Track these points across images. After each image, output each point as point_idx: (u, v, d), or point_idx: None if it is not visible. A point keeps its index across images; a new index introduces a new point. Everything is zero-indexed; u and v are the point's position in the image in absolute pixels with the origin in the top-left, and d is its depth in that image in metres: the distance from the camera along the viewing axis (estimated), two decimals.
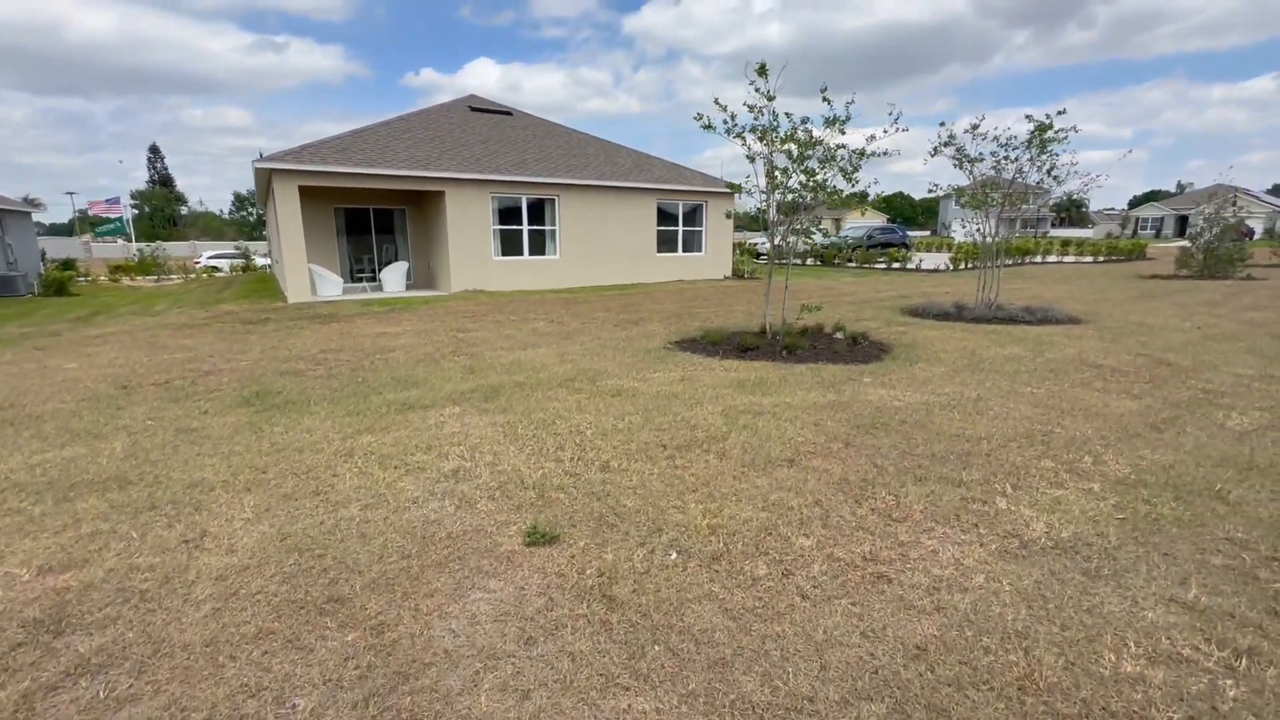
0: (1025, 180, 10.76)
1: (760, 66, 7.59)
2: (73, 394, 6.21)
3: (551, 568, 2.98)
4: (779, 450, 4.43)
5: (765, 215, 8.67)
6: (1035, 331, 9.31)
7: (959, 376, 6.57)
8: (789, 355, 7.60)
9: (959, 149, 10.64)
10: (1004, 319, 10.36)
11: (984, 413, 5.34)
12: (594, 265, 17.75)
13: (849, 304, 13.18)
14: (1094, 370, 6.82)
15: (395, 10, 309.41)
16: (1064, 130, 10.18)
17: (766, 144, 8.02)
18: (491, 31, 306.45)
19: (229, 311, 12.67)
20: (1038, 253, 28.82)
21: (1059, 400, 5.71)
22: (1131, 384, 6.27)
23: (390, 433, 4.84)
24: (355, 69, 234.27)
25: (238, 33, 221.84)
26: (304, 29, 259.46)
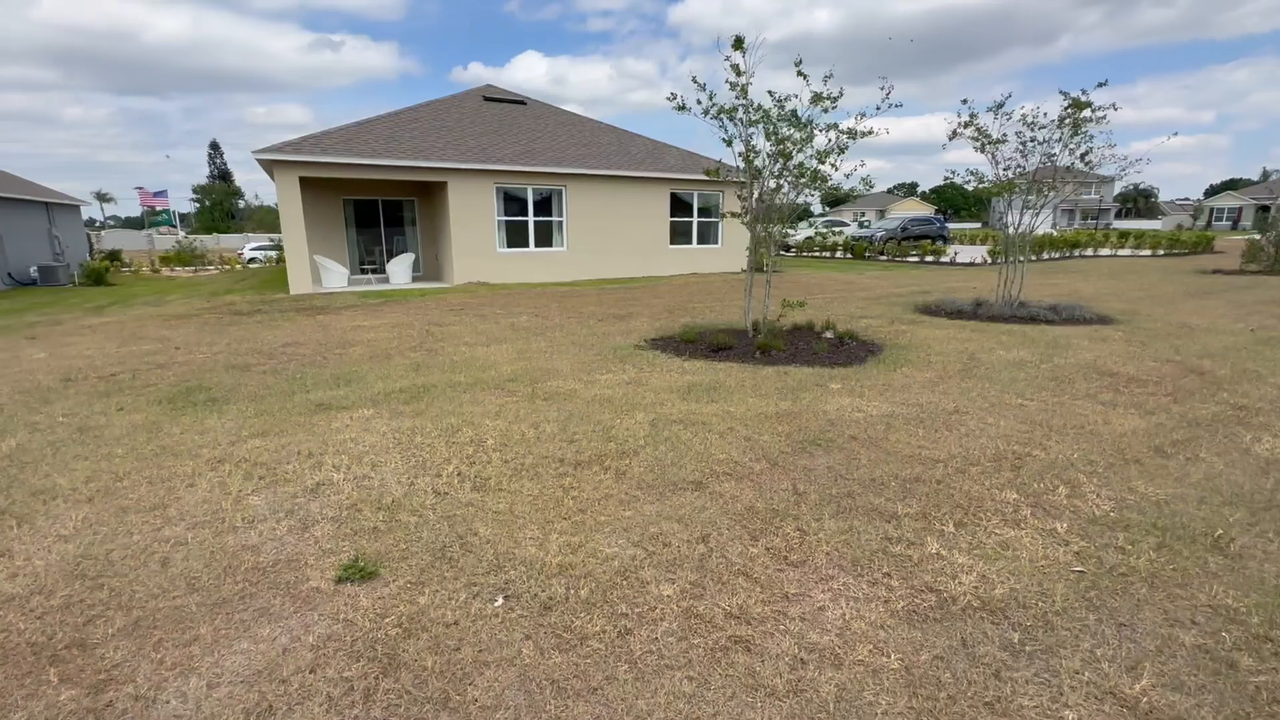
0: (1055, 164, 9.70)
1: (736, 40, 6.92)
2: (14, 386, 6.14)
3: (347, 613, 2.53)
4: (691, 470, 3.87)
5: (746, 204, 8.00)
6: (1055, 332, 8.35)
7: (943, 384, 5.82)
8: (762, 356, 6.96)
9: (979, 130, 9.66)
10: (1024, 318, 9.39)
11: (955, 428, 4.62)
12: (603, 258, 17.27)
13: (861, 300, 12.32)
14: (1107, 379, 5.95)
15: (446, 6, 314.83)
16: (1102, 109, 9.12)
17: (743, 124, 7.36)
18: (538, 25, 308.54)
19: (229, 303, 12.76)
20: (1089, 245, 26.81)
21: (1052, 415, 4.93)
22: (1147, 396, 5.41)
23: (284, 437, 4.50)
24: (408, 65, 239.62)
25: (299, 32, 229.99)
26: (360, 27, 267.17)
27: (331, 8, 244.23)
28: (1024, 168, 9.89)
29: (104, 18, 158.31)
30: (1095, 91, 8.98)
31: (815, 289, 14.45)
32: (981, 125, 9.63)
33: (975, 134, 9.73)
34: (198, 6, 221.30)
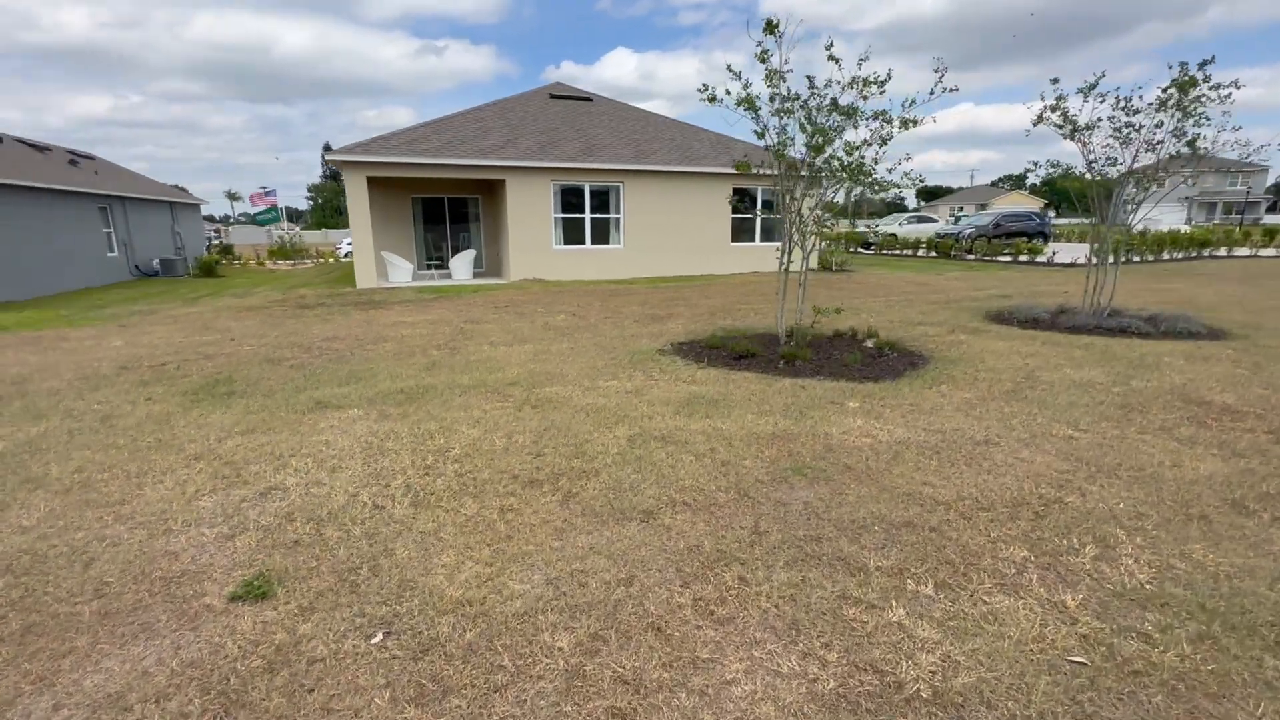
0: (1159, 153, 8.39)
1: (768, 24, 6.40)
2: (78, 373, 6.70)
3: (222, 637, 2.42)
4: (648, 496, 3.53)
5: (782, 200, 7.44)
6: (1145, 348, 7.20)
7: (982, 407, 5.09)
8: (786, 366, 6.43)
9: (1065, 115, 8.52)
10: (1111, 329, 8.20)
11: (977, 462, 3.98)
12: (661, 255, 16.97)
13: (928, 304, 11.30)
14: (1193, 409, 4.99)
15: (542, 8, 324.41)
16: (1223, 87, 7.78)
17: (777, 114, 6.81)
18: (629, 21, 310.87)
19: (300, 296, 13.56)
20: (1222, 244, 23.46)
21: (1106, 451, 4.15)
22: (1241, 434, 4.46)
23: (267, 435, 4.56)
24: (504, 67, 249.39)
25: (406, 39, 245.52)
26: (462, 32, 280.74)
27: (437, 15, 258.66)
28: (1122, 158, 8.63)
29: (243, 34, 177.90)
30: (1208, 69, 7.66)
31: (880, 291, 13.46)
32: (1068, 110, 8.49)
33: (1061, 120, 8.59)
34: (320, 21, 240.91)
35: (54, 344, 8.49)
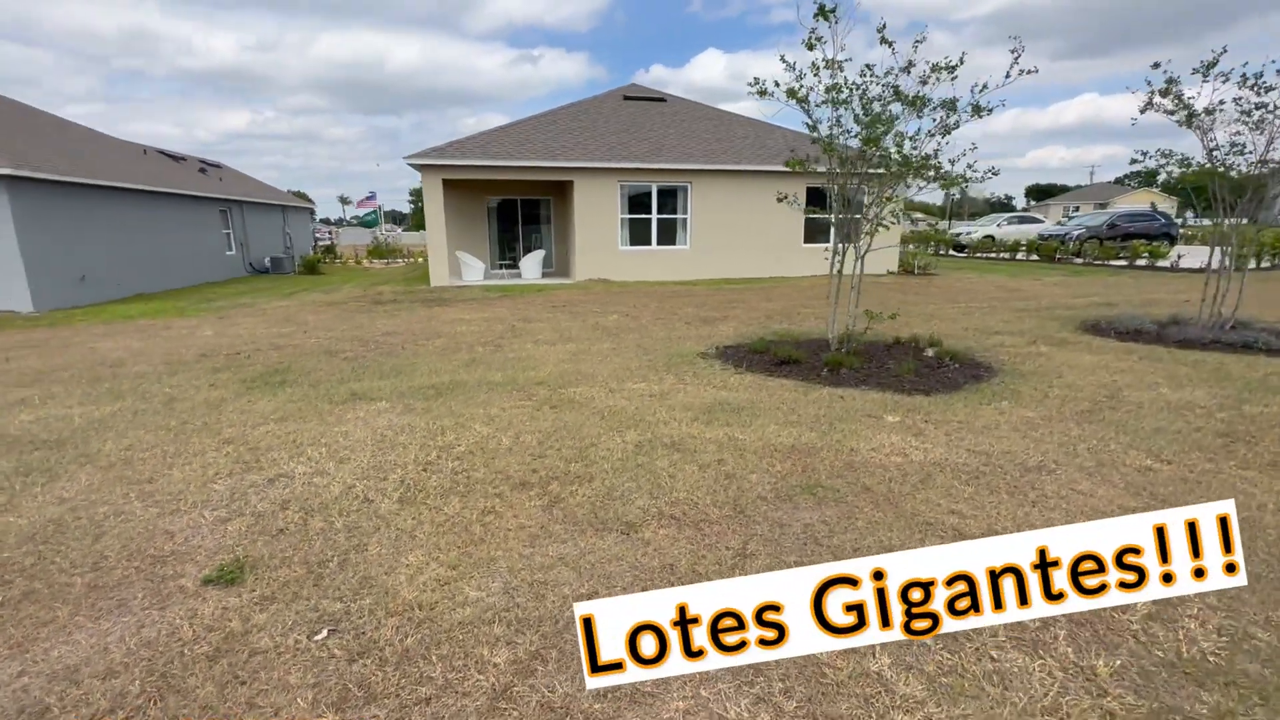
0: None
1: (820, 9, 6.00)
2: (166, 359, 7.36)
3: (182, 620, 2.48)
4: (637, 507, 3.33)
5: (834, 197, 6.99)
6: (1270, 367, 6.13)
7: (1045, 428, 4.48)
8: (830, 375, 6.00)
9: (1180, 99, 7.45)
10: (1232, 344, 7.07)
11: (1023, 491, 3.48)
12: (729, 256, 16.58)
13: (1013, 311, 10.30)
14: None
15: (633, 13, 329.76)
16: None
17: (828, 104, 6.39)
18: (720, 23, 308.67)
19: (378, 293, 14.36)
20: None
21: (1192, 487, 3.52)
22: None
23: (298, 424, 4.76)
24: (596, 72, 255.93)
25: (504, 50, 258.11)
26: (557, 40, 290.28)
27: (533, 25, 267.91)
28: (1252, 145, 7.44)
29: (360, 50, 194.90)
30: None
31: (962, 297, 12.44)
32: (1182, 93, 7.41)
33: (1174, 104, 7.52)
34: (427, 35, 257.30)
35: (159, 332, 9.42)
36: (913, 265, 17.78)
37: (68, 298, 13.60)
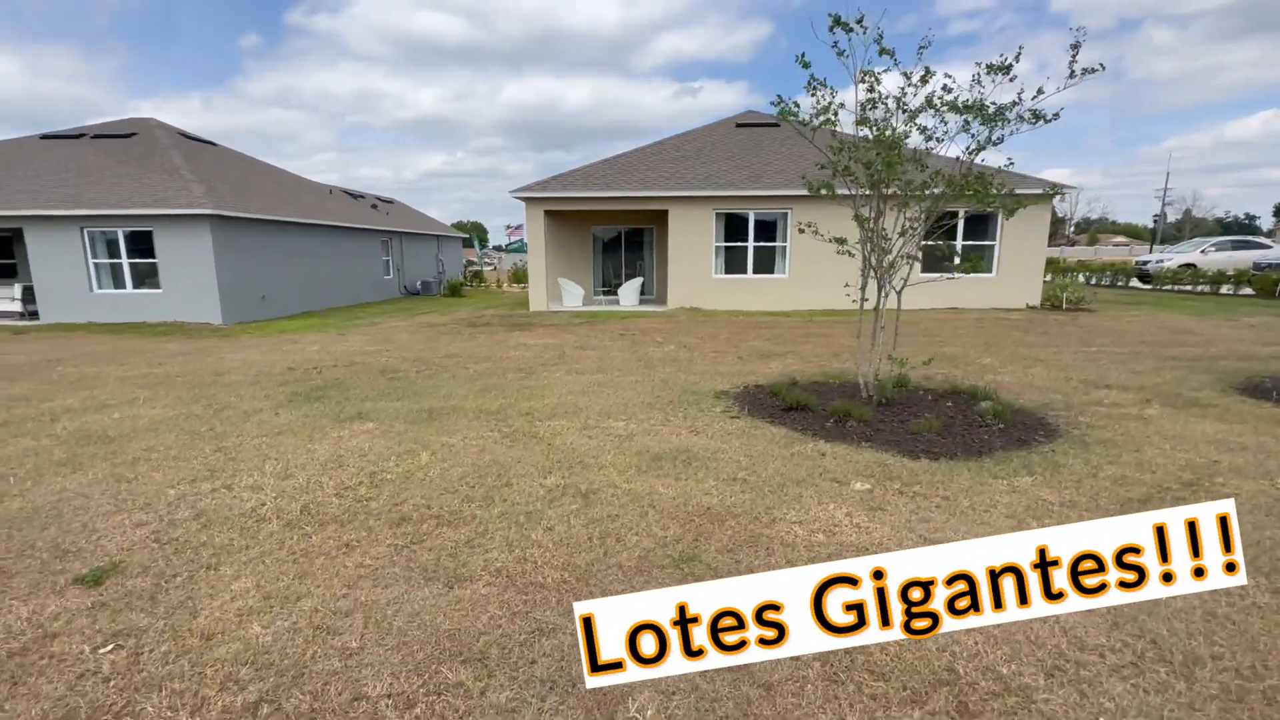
0: None
1: (835, 19, 5.44)
2: (261, 369, 8.53)
3: (24, 615, 2.78)
4: (483, 561, 3.14)
5: (868, 228, 6.23)
6: None
7: (1060, 514, 3.51)
8: (835, 426, 5.27)
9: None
10: None
11: None
12: (828, 286, 15.42)
13: (1159, 359, 8.36)
14: None
15: (795, 39, 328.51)
16: None
17: (867, 124, 5.75)
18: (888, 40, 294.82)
19: (480, 315, 15.48)
20: None
21: (1221, 628, 2.52)
22: None
23: (290, 437, 5.22)
24: (754, 100, 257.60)
25: (667, 84, 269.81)
26: (717, 72, 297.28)
27: (695, 60, 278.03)
28: None
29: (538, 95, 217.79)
30: None
31: (1105, 338, 10.38)
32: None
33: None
34: (597, 77, 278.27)
35: (283, 346, 10.97)
36: (1061, 300, 15.24)
37: (250, 313, 16.40)
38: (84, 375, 8.21)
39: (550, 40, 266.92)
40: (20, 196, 15.75)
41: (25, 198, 15.67)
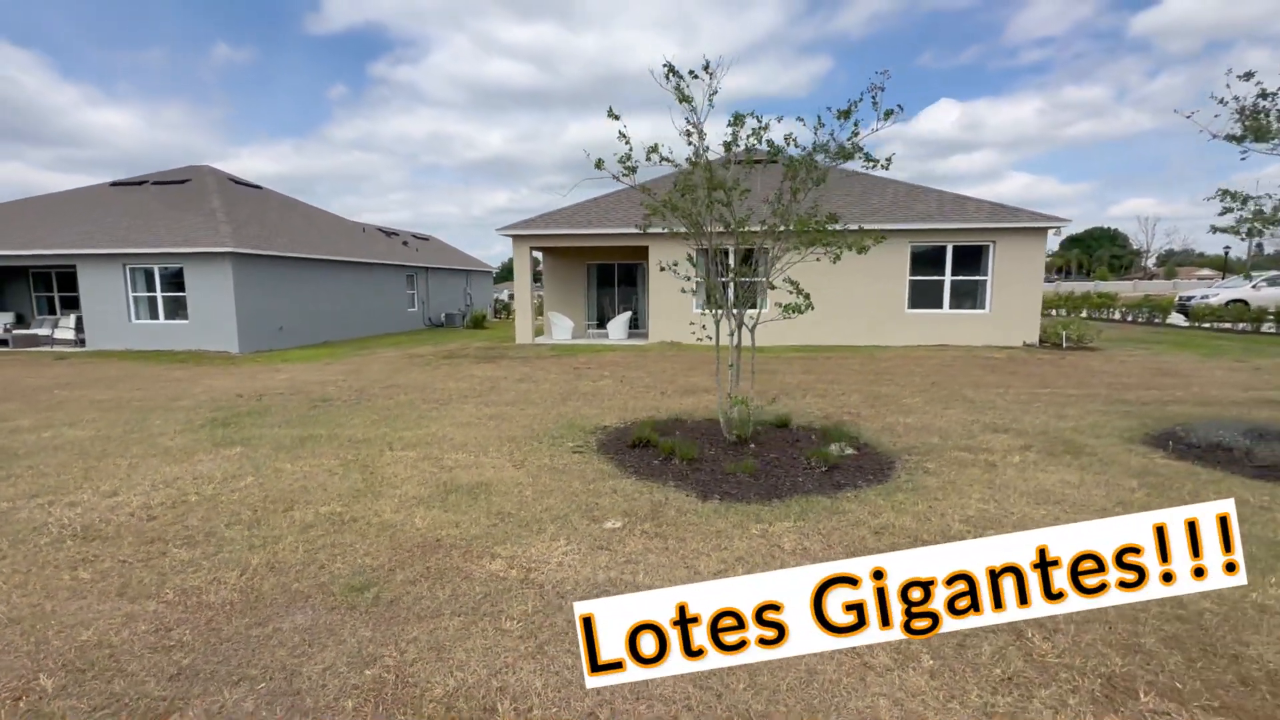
0: None
1: (668, 67, 5.62)
2: (207, 397, 9.22)
3: None
4: (176, 583, 3.36)
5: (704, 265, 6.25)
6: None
7: (813, 556, 3.40)
8: (660, 464, 5.24)
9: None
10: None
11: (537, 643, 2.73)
12: (814, 321, 15.13)
13: (1105, 403, 7.81)
14: None
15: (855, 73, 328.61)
16: None
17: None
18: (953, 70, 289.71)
19: (463, 349, 16.05)
20: None
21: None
22: None
23: (161, 460, 5.66)
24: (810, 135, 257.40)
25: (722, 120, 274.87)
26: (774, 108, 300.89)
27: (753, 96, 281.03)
28: None
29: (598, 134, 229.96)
30: None
31: (1082, 378, 9.75)
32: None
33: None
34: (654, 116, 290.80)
35: (256, 374, 11.77)
36: (1061, 337, 14.38)
37: (267, 342, 17.63)
38: (69, 398, 9.11)
39: (612, 82, 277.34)
40: (77, 237, 17.71)
41: (80, 238, 17.62)
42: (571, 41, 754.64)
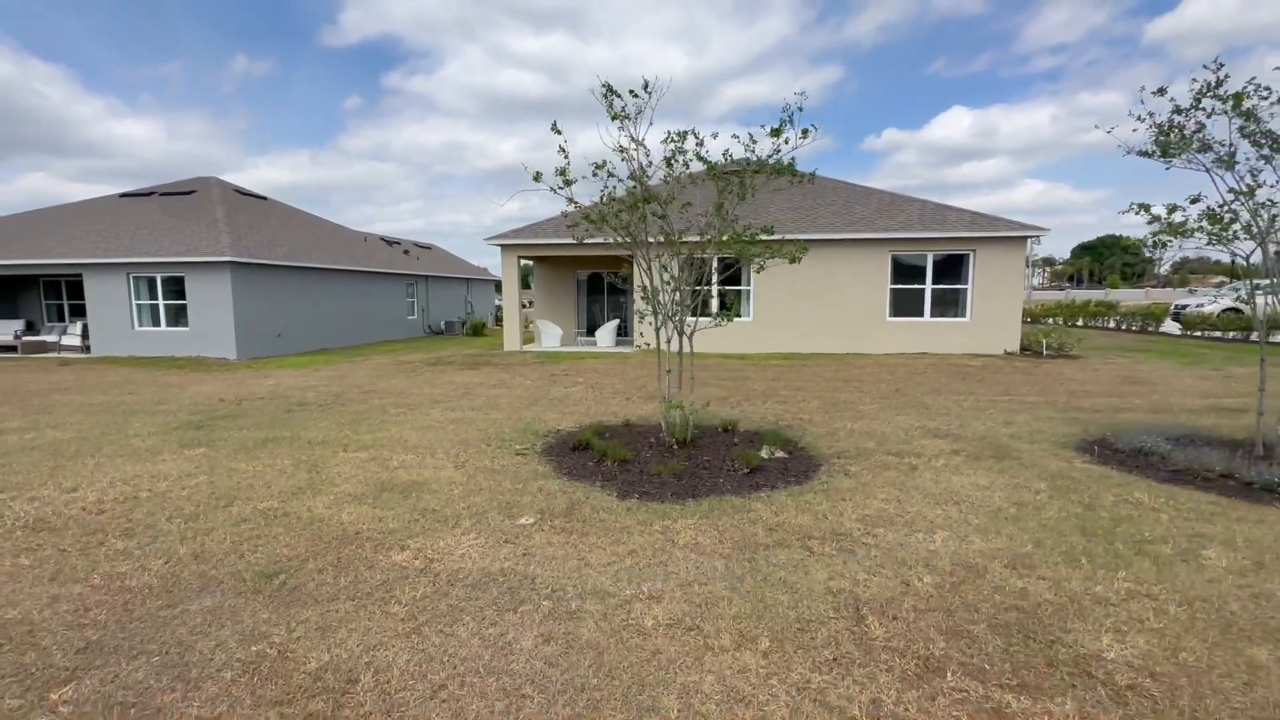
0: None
1: (608, 87, 5.89)
2: (191, 401, 9.57)
3: None
4: (109, 566, 3.64)
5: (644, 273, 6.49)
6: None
7: (703, 551, 3.61)
8: (594, 465, 5.47)
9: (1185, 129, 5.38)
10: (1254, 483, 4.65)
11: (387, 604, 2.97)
12: (799, 329, 15.41)
13: (1056, 409, 7.94)
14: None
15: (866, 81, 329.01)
16: None
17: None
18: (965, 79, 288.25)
19: (451, 356, 16.38)
20: None
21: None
22: None
23: (127, 460, 5.97)
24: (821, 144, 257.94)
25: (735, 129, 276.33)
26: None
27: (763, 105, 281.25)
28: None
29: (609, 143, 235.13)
30: None
31: (1047, 385, 9.86)
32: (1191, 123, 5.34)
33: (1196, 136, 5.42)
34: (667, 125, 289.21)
35: (245, 380, 12.13)
36: (1042, 345, 14.43)
37: (265, 349, 18.07)
38: (63, 401, 9.50)
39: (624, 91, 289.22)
40: (84, 246, 18.31)
41: (87, 247, 18.20)
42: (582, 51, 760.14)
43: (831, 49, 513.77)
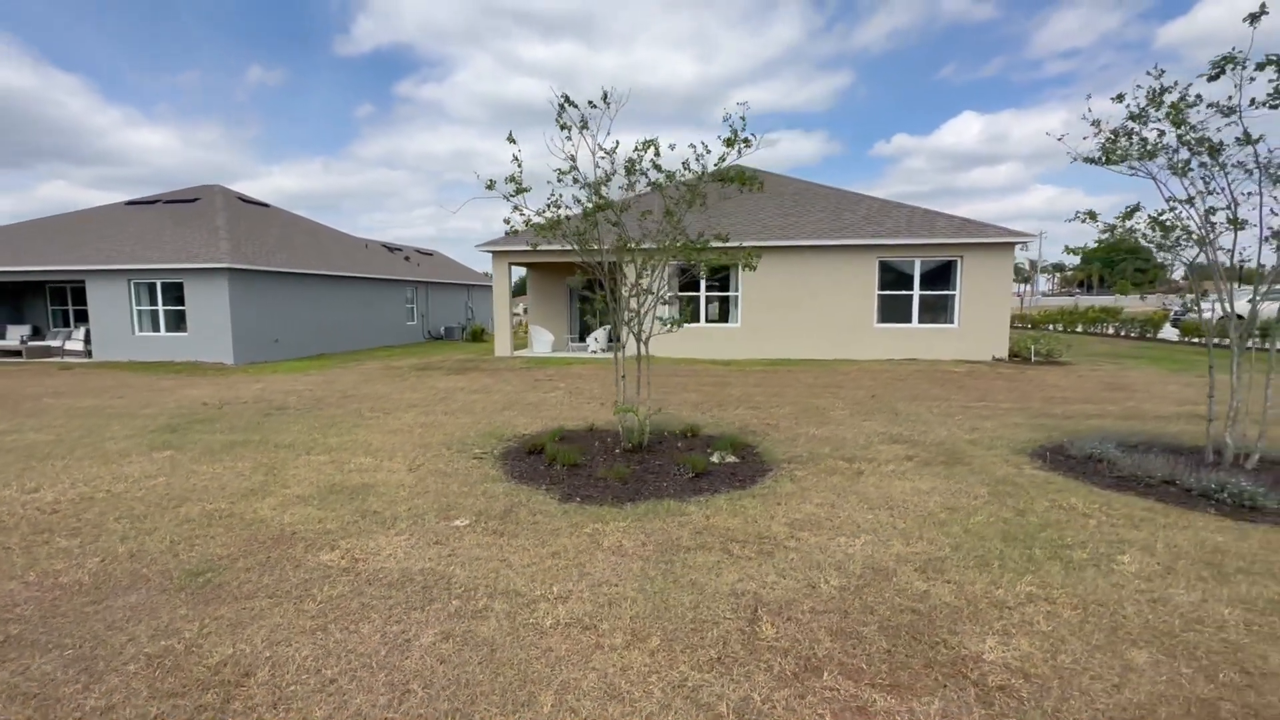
0: None
1: (566, 99, 6.00)
2: (176, 405, 9.76)
3: None
4: (47, 564, 3.75)
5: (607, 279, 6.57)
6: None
7: (625, 554, 3.67)
8: (545, 469, 5.54)
9: (1131, 139, 5.41)
10: (1220, 497, 4.64)
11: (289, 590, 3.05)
12: (783, 336, 15.43)
13: (1026, 415, 7.93)
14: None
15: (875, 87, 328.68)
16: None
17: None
18: (976, 84, 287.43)
19: (441, 361, 16.53)
20: None
21: None
22: None
23: (95, 462, 6.12)
24: (832, 149, 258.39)
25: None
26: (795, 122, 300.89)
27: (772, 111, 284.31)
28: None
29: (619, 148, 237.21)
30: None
31: (1025, 392, 9.83)
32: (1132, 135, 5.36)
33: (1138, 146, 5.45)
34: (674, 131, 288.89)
35: (236, 384, 12.34)
36: (1029, 351, 14.36)
37: (262, 354, 18.32)
38: (53, 405, 9.72)
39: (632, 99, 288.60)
40: (88, 253, 18.69)
41: (90, 254, 18.58)
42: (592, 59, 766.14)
43: (841, 55, 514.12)
